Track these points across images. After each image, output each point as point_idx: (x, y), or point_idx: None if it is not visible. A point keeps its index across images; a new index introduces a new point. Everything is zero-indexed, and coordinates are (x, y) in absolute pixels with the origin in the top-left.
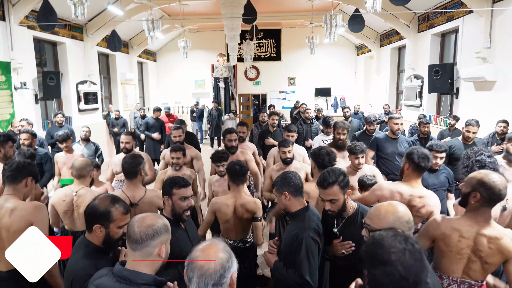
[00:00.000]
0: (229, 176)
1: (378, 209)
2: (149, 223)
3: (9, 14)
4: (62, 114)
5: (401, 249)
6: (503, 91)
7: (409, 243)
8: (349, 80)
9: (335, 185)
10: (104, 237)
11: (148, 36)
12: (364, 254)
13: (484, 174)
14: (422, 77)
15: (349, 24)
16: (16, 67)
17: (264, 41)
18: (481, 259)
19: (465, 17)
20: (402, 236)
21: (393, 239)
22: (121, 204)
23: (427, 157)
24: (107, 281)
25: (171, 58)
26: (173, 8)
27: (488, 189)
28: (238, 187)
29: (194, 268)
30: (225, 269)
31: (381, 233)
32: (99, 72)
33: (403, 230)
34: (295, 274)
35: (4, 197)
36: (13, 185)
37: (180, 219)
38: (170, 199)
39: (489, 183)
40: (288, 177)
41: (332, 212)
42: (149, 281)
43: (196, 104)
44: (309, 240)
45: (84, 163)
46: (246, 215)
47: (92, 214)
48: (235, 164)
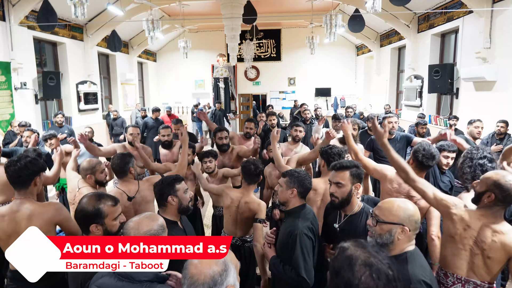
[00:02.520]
0: (242, 174)
1: (391, 203)
2: (146, 229)
3: (9, 14)
4: (62, 114)
5: (373, 287)
6: (503, 91)
7: (383, 276)
8: (349, 80)
9: (347, 170)
10: (103, 233)
11: (148, 36)
12: (332, 270)
13: (501, 175)
14: (422, 77)
15: (349, 24)
16: (16, 67)
17: (264, 41)
18: (483, 252)
19: (465, 17)
20: (374, 263)
21: (364, 269)
22: (106, 198)
23: (432, 156)
24: (109, 281)
25: (171, 58)
26: (173, 8)
27: (504, 191)
28: (248, 186)
29: (186, 274)
30: (216, 283)
31: (352, 253)
32: (99, 72)
33: (410, 228)
34: (292, 271)
35: (17, 202)
36: (23, 189)
37: (187, 210)
38: (175, 196)
39: (505, 185)
40: (305, 178)
41: (335, 198)
42: (151, 278)
43: (197, 105)
44: (303, 237)
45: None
46: (247, 214)
47: (84, 217)
48: (250, 163)
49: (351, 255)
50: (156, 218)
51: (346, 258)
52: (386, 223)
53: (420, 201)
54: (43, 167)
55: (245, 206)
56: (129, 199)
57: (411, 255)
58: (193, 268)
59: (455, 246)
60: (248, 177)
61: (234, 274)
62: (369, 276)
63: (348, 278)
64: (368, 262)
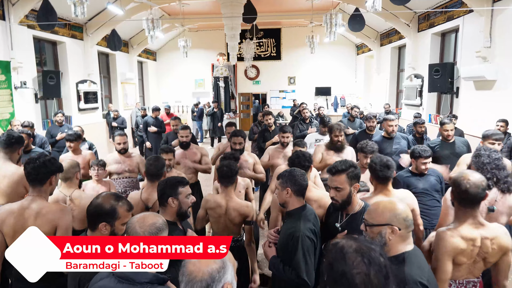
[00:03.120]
0: (218, 177)
1: (377, 205)
2: (151, 222)
3: (9, 13)
4: (62, 113)
5: (366, 271)
6: (503, 90)
7: (375, 262)
8: (349, 79)
9: (343, 173)
10: (109, 234)
11: (148, 35)
12: (326, 264)
13: (460, 174)
14: (422, 76)
15: (349, 23)
16: (16, 67)
17: (264, 41)
18: (485, 259)
19: (465, 16)
20: (366, 250)
21: (355, 256)
22: (124, 201)
23: (387, 166)
24: (108, 283)
25: (171, 57)
26: (173, 7)
27: (457, 187)
28: (226, 188)
29: (184, 272)
30: (214, 280)
31: (344, 244)
32: (99, 72)
33: (400, 227)
34: (292, 272)
35: (29, 199)
36: (38, 186)
37: (185, 216)
38: (176, 199)
39: (457, 181)
40: (296, 175)
41: (335, 201)
42: (152, 279)
43: (197, 104)
44: (305, 239)
45: (68, 165)
46: (238, 218)
47: (97, 213)
48: (223, 165)
49: (342, 246)
50: (159, 215)
51: (339, 250)
52: (375, 226)
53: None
54: (60, 168)
55: (234, 213)
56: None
57: (409, 256)
58: (191, 266)
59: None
60: (224, 179)
61: (231, 272)
62: (361, 262)
63: (342, 268)
64: (359, 250)
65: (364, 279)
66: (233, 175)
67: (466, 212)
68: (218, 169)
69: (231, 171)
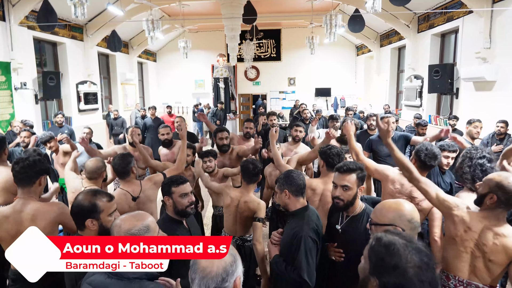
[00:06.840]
0: (241, 173)
1: (383, 204)
2: (126, 229)
3: (9, 14)
4: (62, 114)
5: (418, 264)
6: (503, 91)
7: (424, 254)
8: (349, 80)
9: (354, 173)
10: (99, 228)
11: (148, 36)
12: (374, 258)
13: (503, 177)
14: (422, 77)
15: (349, 24)
16: (16, 67)
17: (264, 41)
18: (485, 255)
19: (465, 17)
20: (410, 242)
21: (407, 249)
22: (102, 194)
23: (434, 156)
24: (99, 278)
25: (171, 58)
26: (173, 8)
27: (506, 193)
28: (248, 185)
29: (196, 269)
30: (228, 273)
31: (388, 238)
32: (99, 72)
33: (403, 228)
34: (294, 272)
35: (20, 201)
36: (27, 187)
37: (184, 215)
38: (170, 198)
39: (508, 187)
40: (291, 176)
41: (339, 201)
42: (140, 275)
43: (197, 105)
44: (308, 239)
45: (94, 166)
46: (247, 213)
47: (80, 212)
48: (249, 162)
49: (390, 241)
50: (142, 218)
51: (386, 245)
52: (379, 225)
53: (422, 202)
54: (49, 170)
55: (244, 206)
56: (134, 199)
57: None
58: (204, 261)
59: (456, 248)
60: (247, 177)
61: (241, 265)
62: (414, 255)
63: (395, 261)
64: (407, 244)
65: (417, 272)
66: (257, 173)
67: (502, 212)
68: (242, 166)
69: (255, 169)
